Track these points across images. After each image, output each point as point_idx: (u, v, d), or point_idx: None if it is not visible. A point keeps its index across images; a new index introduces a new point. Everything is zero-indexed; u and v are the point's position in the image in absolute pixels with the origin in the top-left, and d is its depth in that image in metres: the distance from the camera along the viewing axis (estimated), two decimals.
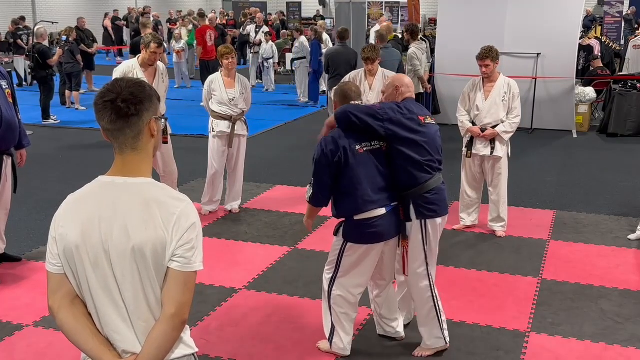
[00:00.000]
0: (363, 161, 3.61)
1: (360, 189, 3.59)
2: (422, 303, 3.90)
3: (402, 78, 4.02)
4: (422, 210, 3.73)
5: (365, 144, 3.63)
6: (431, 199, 3.74)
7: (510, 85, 5.79)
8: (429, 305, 3.88)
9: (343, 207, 3.67)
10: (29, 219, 6.44)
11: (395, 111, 3.67)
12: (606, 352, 4.05)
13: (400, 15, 22.09)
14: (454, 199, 6.82)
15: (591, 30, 15.52)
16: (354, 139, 3.60)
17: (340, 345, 3.90)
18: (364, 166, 3.60)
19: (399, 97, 3.89)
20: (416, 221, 3.75)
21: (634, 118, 10.41)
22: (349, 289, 3.81)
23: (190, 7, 26.17)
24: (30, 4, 22.97)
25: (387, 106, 3.71)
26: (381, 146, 3.68)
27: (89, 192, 1.99)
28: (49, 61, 11.64)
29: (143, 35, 9.83)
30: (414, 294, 3.94)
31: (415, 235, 3.78)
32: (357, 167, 3.59)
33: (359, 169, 3.59)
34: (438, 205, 3.78)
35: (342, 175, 3.60)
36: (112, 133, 1.96)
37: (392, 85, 3.94)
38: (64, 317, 1.98)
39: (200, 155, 7.78)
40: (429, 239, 3.79)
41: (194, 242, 1.94)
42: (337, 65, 9.02)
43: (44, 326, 4.30)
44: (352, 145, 3.58)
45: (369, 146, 3.63)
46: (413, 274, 3.86)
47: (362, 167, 3.60)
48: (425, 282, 3.86)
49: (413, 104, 3.86)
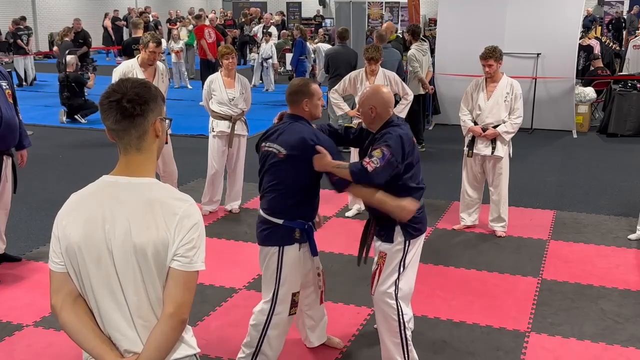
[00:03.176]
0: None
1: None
2: (385, 325, 3.66)
3: (379, 94, 3.63)
4: (410, 230, 3.59)
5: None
6: (418, 218, 3.62)
7: (513, 85, 5.79)
8: (393, 330, 3.63)
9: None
10: (29, 219, 6.44)
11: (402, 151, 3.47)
12: (606, 352, 4.05)
13: (400, 16, 22.09)
14: (454, 198, 6.83)
15: (591, 30, 15.53)
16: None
17: None
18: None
19: (376, 119, 3.59)
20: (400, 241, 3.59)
21: (634, 118, 10.41)
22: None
23: (190, 7, 26.17)
24: (30, 4, 22.95)
25: (395, 148, 3.42)
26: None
27: (93, 192, 2.00)
28: (87, 86, 11.73)
29: (134, 36, 9.85)
30: (378, 315, 3.71)
31: (395, 254, 3.61)
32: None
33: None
34: (423, 223, 3.68)
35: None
36: (116, 133, 1.96)
37: (368, 105, 3.60)
38: (67, 316, 1.98)
39: (200, 155, 7.78)
40: (408, 257, 3.62)
41: (195, 242, 1.94)
42: (337, 65, 9.01)
43: (44, 326, 4.30)
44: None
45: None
46: (382, 293, 3.64)
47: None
48: (392, 302, 3.60)
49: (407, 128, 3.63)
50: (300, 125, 3.53)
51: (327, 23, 24.14)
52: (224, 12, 25.18)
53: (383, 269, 3.63)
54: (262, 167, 3.63)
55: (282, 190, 3.51)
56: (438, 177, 7.74)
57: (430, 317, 4.44)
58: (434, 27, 16.02)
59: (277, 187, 3.53)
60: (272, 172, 3.55)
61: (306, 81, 3.66)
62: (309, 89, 3.56)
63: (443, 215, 6.58)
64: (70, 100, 11.51)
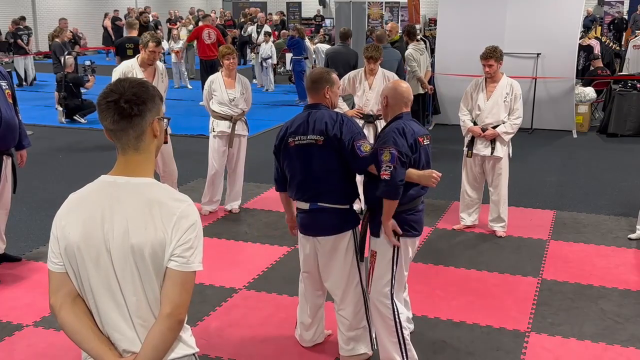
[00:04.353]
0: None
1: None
2: (382, 325, 3.67)
3: (395, 87, 3.75)
4: (405, 227, 3.60)
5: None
6: (414, 218, 3.66)
7: (513, 86, 5.79)
8: (390, 329, 3.64)
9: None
10: (29, 219, 6.44)
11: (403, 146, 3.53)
12: (606, 352, 4.05)
13: (400, 15, 22.08)
14: (454, 198, 6.83)
15: (591, 30, 15.53)
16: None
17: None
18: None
19: (388, 110, 3.72)
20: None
21: (634, 118, 10.41)
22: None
23: (190, 7, 26.17)
24: (30, 4, 22.95)
25: (398, 143, 3.51)
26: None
27: (91, 191, 2.00)
28: (85, 87, 11.71)
29: (128, 36, 9.81)
30: (374, 315, 3.71)
31: (385, 253, 3.62)
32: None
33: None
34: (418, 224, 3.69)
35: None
36: (114, 133, 1.96)
37: (383, 94, 3.76)
38: (65, 316, 1.98)
39: (200, 155, 7.78)
40: (400, 256, 3.62)
41: (192, 242, 1.94)
42: (337, 65, 9.01)
43: (44, 326, 4.30)
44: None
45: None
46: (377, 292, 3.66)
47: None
48: (388, 302, 3.62)
49: (415, 123, 3.70)
50: (323, 111, 3.64)
51: (327, 23, 24.14)
52: (224, 13, 25.17)
53: (375, 267, 3.64)
54: (304, 160, 3.61)
55: (336, 176, 3.60)
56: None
57: (430, 317, 4.44)
58: (434, 27, 16.01)
59: (329, 174, 3.59)
60: (315, 162, 3.59)
61: (327, 70, 3.84)
62: (331, 77, 3.73)
63: (443, 215, 6.58)
64: (67, 100, 11.50)
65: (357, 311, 3.75)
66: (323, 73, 3.75)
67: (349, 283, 3.71)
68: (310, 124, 3.60)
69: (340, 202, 3.64)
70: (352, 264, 3.71)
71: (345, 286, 3.72)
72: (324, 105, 3.69)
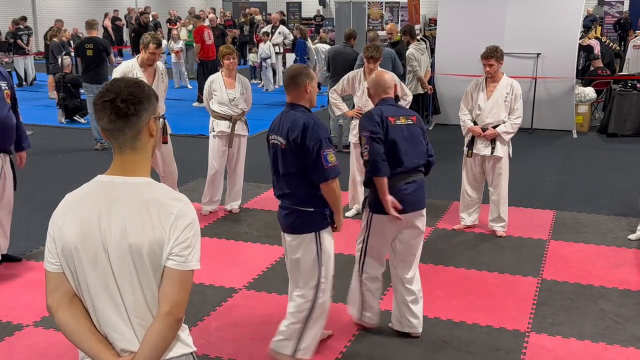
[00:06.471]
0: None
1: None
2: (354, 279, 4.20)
3: (375, 76, 4.14)
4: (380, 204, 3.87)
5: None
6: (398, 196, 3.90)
7: (513, 86, 5.78)
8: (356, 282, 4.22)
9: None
10: (29, 219, 6.44)
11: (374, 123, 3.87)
12: (606, 352, 4.05)
13: (400, 15, 22.08)
14: (454, 198, 6.83)
15: (591, 30, 15.53)
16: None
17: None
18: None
19: (372, 99, 4.12)
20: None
21: (634, 118, 10.41)
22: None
23: (190, 7, 26.17)
24: (30, 4, 22.98)
25: (368, 125, 3.88)
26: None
27: (88, 191, 2.00)
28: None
29: (88, 36, 9.66)
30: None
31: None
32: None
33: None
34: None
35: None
36: (111, 133, 1.96)
37: (368, 85, 4.18)
38: (63, 316, 1.98)
39: (200, 155, 7.78)
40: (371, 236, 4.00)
41: (190, 241, 1.94)
42: (336, 64, 9.02)
43: (44, 326, 4.30)
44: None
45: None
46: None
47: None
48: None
49: (389, 106, 4.01)
50: (295, 112, 3.58)
51: (327, 23, 24.14)
52: (224, 13, 25.17)
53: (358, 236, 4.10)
54: (274, 159, 3.67)
55: (296, 181, 3.58)
56: (438, 177, 7.73)
57: (430, 317, 4.44)
58: (434, 27, 16.01)
59: (290, 178, 3.59)
60: (279, 163, 3.62)
61: (304, 65, 3.90)
62: (309, 72, 3.71)
63: (443, 215, 6.58)
64: (67, 101, 11.49)
65: (300, 310, 3.73)
66: (301, 68, 3.67)
67: (305, 283, 3.71)
68: (280, 125, 3.60)
69: (303, 205, 3.59)
70: (311, 267, 3.65)
71: (303, 284, 3.74)
72: (301, 106, 3.60)
